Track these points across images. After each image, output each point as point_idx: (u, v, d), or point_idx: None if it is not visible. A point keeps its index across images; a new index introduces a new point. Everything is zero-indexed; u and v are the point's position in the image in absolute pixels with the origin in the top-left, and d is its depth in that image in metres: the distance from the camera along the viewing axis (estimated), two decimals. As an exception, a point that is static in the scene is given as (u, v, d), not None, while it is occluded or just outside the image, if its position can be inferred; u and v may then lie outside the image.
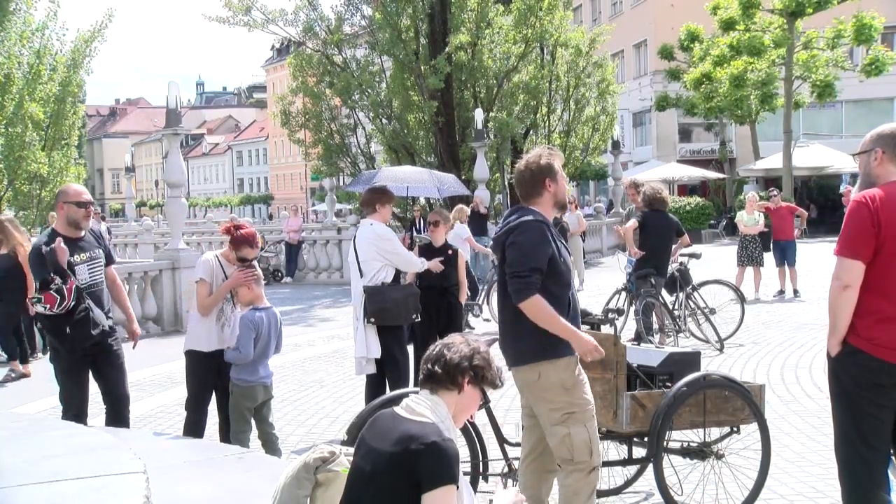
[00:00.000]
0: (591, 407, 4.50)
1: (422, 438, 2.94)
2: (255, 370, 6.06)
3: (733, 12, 33.57)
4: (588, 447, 4.43)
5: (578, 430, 4.43)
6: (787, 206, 16.98)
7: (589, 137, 28.89)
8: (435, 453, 2.92)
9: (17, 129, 15.54)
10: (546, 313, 4.35)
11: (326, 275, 22.43)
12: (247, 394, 6.05)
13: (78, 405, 6.10)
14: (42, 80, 16.04)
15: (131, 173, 39.92)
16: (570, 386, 4.44)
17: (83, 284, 5.98)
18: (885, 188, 4.01)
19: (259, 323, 5.99)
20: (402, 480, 2.93)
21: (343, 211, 43.85)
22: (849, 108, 40.82)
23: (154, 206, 51.96)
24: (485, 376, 3.17)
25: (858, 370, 4.02)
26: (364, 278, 7.30)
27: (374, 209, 7.49)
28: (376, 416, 3.23)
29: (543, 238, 4.43)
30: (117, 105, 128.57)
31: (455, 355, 3.15)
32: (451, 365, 3.13)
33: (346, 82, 25.02)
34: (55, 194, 7.03)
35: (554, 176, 4.59)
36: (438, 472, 2.91)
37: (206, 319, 6.10)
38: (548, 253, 4.40)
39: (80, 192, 6.18)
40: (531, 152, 4.69)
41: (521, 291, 4.35)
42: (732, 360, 10.06)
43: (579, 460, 4.43)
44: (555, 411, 4.46)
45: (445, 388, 3.14)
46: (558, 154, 4.70)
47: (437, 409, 3.10)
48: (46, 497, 3.39)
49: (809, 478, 5.97)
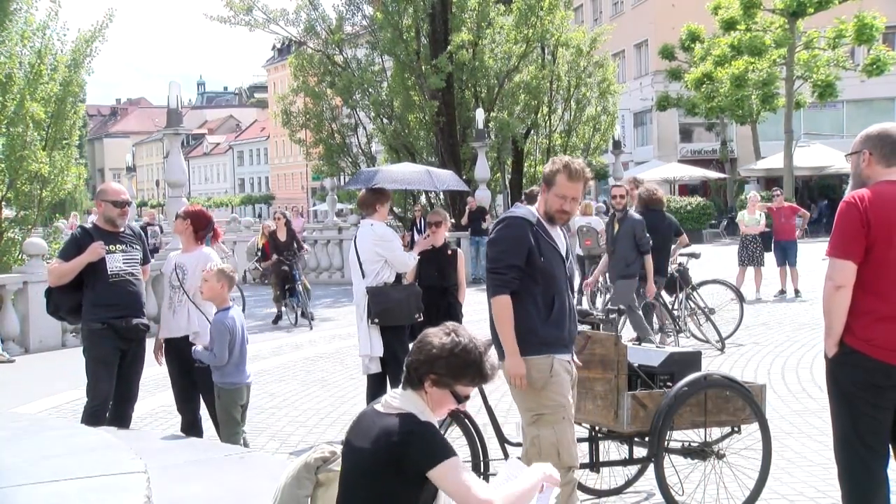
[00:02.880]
0: (563, 410, 4.49)
1: (399, 429, 2.98)
2: (241, 371, 6.10)
3: (734, 12, 33.55)
4: (556, 449, 4.43)
5: (547, 433, 4.45)
6: (790, 206, 16.98)
7: (590, 137, 28.90)
8: (417, 438, 2.96)
9: (18, 129, 15.51)
10: (503, 315, 4.47)
11: (327, 275, 22.42)
12: (235, 396, 6.08)
13: (104, 396, 6.24)
14: (43, 79, 16.00)
15: (132, 173, 40.02)
16: (539, 387, 4.47)
17: (114, 272, 6.25)
18: (874, 188, 4.02)
19: (233, 326, 5.99)
20: (391, 475, 2.95)
21: (344, 211, 43.84)
22: (850, 108, 40.79)
23: (155, 206, 51.98)
24: (447, 383, 3.09)
25: (856, 371, 4.02)
26: (366, 279, 7.30)
27: (374, 209, 7.51)
28: (359, 416, 3.23)
29: (521, 233, 4.48)
30: (118, 105, 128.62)
31: (419, 357, 3.12)
32: (412, 369, 3.13)
33: (347, 82, 25.04)
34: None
35: (549, 185, 4.59)
36: (431, 451, 2.95)
37: (163, 306, 6.57)
38: (523, 251, 4.45)
39: (118, 192, 6.49)
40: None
41: (496, 287, 4.48)
42: (733, 360, 10.06)
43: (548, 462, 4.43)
44: (526, 411, 4.54)
45: (411, 387, 3.14)
46: (568, 166, 4.56)
47: (414, 401, 3.11)
48: (46, 497, 3.38)
49: (810, 478, 5.97)
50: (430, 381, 3.09)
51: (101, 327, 6.16)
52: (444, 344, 3.09)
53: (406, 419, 3.02)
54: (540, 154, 28.84)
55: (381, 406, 3.14)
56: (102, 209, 6.39)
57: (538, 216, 4.60)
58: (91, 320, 6.21)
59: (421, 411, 3.07)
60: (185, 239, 6.66)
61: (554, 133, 28.09)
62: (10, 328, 12.71)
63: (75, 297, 6.26)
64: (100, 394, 6.21)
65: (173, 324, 6.51)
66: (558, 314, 4.53)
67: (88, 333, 6.24)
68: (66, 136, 16.77)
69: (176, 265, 6.55)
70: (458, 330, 3.16)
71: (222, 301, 6.04)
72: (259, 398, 9.06)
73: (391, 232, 7.63)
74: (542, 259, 4.47)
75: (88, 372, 6.29)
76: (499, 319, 4.50)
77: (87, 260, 6.15)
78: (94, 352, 6.24)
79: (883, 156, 4.06)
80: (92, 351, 6.25)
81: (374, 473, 2.99)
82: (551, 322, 4.49)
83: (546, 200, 4.59)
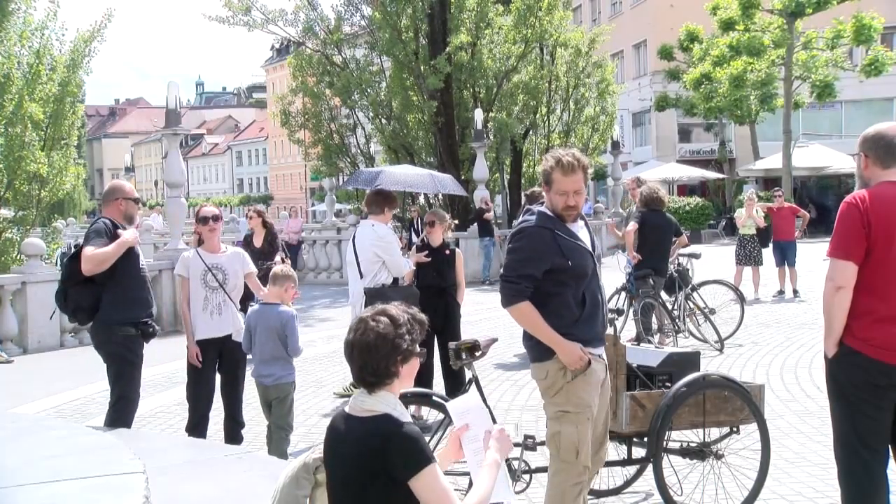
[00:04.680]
0: (589, 410, 4.48)
1: (380, 434, 2.90)
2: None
3: (733, 12, 33.57)
4: (575, 448, 4.42)
5: (569, 431, 4.43)
6: (790, 206, 16.99)
7: (588, 138, 28.89)
8: (399, 443, 2.88)
9: (17, 130, 15.52)
10: (531, 320, 4.41)
11: (326, 275, 22.43)
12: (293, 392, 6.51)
13: (137, 399, 6.26)
14: (41, 80, 16.01)
15: (131, 173, 40.00)
16: (571, 378, 4.44)
17: (142, 265, 6.30)
18: (874, 189, 4.04)
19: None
20: (379, 485, 2.90)
21: (342, 211, 43.83)
22: (848, 109, 40.81)
23: (153, 206, 51.93)
24: (411, 350, 3.00)
25: (855, 371, 4.03)
26: (364, 279, 7.31)
27: (381, 211, 7.52)
28: (333, 419, 3.15)
29: (541, 244, 4.41)
30: (117, 105, 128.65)
31: (378, 354, 2.96)
32: (381, 368, 2.97)
33: (345, 82, 25.03)
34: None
35: (549, 184, 4.48)
36: (412, 458, 2.87)
37: (194, 309, 6.49)
38: (545, 260, 4.38)
39: (132, 189, 6.58)
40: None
41: (509, 297, 4.43)
42: (732, 361, 10.06)
43: (565, 459, 4.44)
44: (551, 405, 4.51)
45: (384, 384, 3.00)
46: (560, 161, 4.43)
47: (385, 399, 3.00)
48: (46, 497, 3.39)
49: (809, 478, 5.98)
50: (398, 363, 2.98)
51: (136, 333, 6.07)
52: (388, 326, 2.98)
53: (385, 422, 2.93)
54: (539, 154, 28.83)
55: (353, 409, 3.02)
56: (124, 206, 6.29)
57: (555, 216, 4.48)
58: (122, 323, 6.03)
59: (394, 408, 2.98)
60: (216, 239, 6.69)
61: (553, 133, 28.08)
62: (9, 328, 12.70)
63: (95, 292, 6.03)
64: (136, 397, 6.22)
65: (213, 325, 6.51)
66: (591, 309, 4.48)
67: (124, 339, 6.06)
68: (64, 136, 16.78)
69: (210, 266, 6.52)
70: (378, 311, 3.06)
71: (286, 300, 6.35)
72: (257, 399, 9.06)
73: (392, 234, 7.63)
74: (569, 263, 4.39)
75: (122, 375, 6.12)
76: (528, 325, 4.44)
77: (128, 244, 6.04)
78: (130, 356, 6.13)
79: (878, 158, 4.08)
80: (129, 356, 6.12)
81: (361, 485, 2.94)
82: (584, 319, 4.45)
83: (551, 200, 4.48)
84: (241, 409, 6.71)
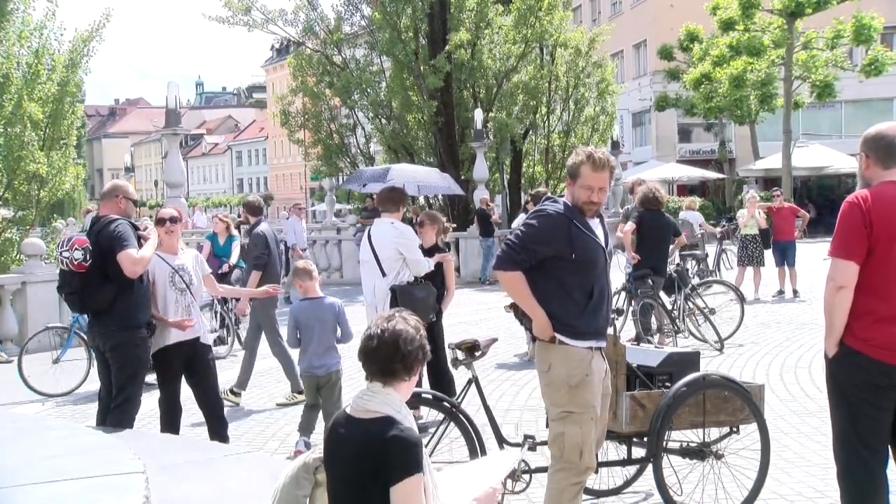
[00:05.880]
0: (593, 410, 4.49)
1: (381, 436, 2.91)
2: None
3: (733, 12, 33.56)
4: (579, 449, 4.43)
5: (573, 432, 4.43)
6: (790, 206, 16.98)
7: (588, 137, 28.89)
8: (398, 446, 2.89)
9: (16, 129, 15.52)
10: (518, 289, 4.51)
11: (326, 275, 22.40)
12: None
13: (139, 402, 6.31)
14: (41, 79, 16.01)
15: (131, 173, 39.99)
16: (574, 384, 4.45)
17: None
18: (875, 189, 4.04)
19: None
20: (376, 479, 2.90)
21: (342, 211, 43.84)
22: (848, 109, 40.81)
23: (153, 206, 51.89)
24: (425, 358, 3.09)
25: (856, 371, 4.03)
26: (387, 277, 7.19)
27: (396, 208, 7.49)
28: (333, 420, 3.16)
29: (555, 229, 4.46)
30: (116, 105, 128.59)
31: (411, 346, 3.02)
32: (411, 357, 3.02)
33: (345, 82, 25.05)
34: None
35: (574, 177, 4.54)
36: (404, 463, 2.89)
37: (164, 312, 6.33)
38: (551, 245, 4.44)
39: (134, 192, 6.63)
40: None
41: (505, 262, 4.51)
42: (732, 361, 10.06)
43: (569, 460, 4.45)
44: (555, 407, 4.51)
45: (401, 379, 3.05)
46: (592, 156, 4.49)
47: (390, 400, 3.01)
48: (46, 497, 3.39)
49: (809, 478, 5.97)
50: (419, 362, 3.05)
51: (148, 335, 6.09)
52: (410, 323, 3.07)
53: (388, 424, 2.94)
54: (538, 154, 28.84)
55: (356, 410, 3.04)
56: (123, 205, 6.26)
57: (573, 209, 4.54)
58: (140, 325, 6.04)
59: (398, 410, 3.00)
60: (174, 241, 6.48)
61: (552, 133, 28.10)
62: (8, 329, 12.69)
63: (111, 290, 5.94)
64: (140, 398, 6.24)
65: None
66: (597, 302, 4.53)
67: (142, 341, 6.06)
68: (64, 136, 16.78)
69: (176, 268, 6.37)
70: (404, 312, 3.15)
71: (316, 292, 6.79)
72: (259, 399, 9.06)
73: (413, 232, 7.53)
74: (581, 252, 4.44)
75: (136, 376, 6.12)
76: (513, 292, 4.56)
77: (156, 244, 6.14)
78: (146, 358, 6.17)
79: (878, 158, 4.08)
80: (145, 358, 6.15)
81: (361, 485, 2.94)
82: (589, 311, 4.49)
83: (573, 193, 4.53)
84: (223, 406, 6.70)
